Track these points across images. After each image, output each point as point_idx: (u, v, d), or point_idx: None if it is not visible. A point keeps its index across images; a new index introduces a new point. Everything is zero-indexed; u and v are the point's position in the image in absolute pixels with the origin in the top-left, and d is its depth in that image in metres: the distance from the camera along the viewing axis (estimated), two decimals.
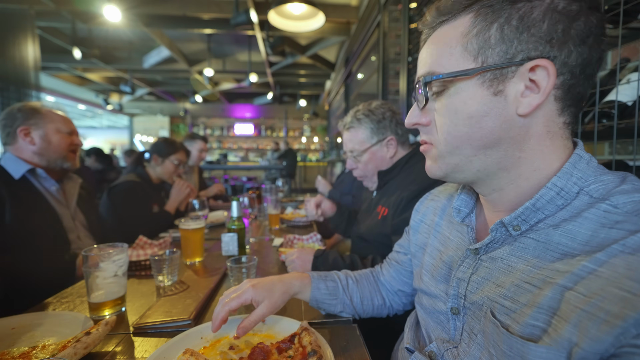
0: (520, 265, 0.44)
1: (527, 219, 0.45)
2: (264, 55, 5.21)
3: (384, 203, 1.19)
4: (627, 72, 1.02)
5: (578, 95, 0.44)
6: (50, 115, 1.31)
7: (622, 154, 1.23)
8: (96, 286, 0.81)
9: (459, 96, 0.46)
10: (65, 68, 6.34)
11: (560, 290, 0.38)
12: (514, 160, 0.46)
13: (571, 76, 0.43)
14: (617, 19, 0.96)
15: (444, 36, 0.47)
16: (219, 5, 3.97)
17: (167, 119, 10.22)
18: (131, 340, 0.71)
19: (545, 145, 0.45)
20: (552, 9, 0.41)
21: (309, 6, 2.44)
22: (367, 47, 3.97)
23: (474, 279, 0.50)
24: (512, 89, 0.43)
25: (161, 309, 0.82)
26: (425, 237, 0.68)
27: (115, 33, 4.92)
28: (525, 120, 0.44)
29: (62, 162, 1.32)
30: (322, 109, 9.44)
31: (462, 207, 0.59)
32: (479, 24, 0.43)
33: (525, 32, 0.41)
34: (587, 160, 0.45)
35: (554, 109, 0.44)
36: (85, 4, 3.64)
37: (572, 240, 0.40)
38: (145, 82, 7.70)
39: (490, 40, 0.43)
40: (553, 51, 0.41)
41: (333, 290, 0.78)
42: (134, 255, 1.17)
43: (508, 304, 0.43)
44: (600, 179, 0.43)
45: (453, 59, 0.45)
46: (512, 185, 0.48)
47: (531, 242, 0.44)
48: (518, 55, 0.42)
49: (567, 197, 0.43)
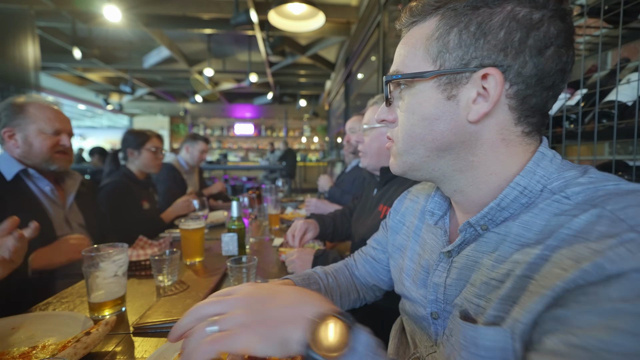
0: (485, 260, 0.45)
1: (494, 219, 0.45)
2: (264, 55, 5.21)
3: (385, 202, 1.19)
4: (627, 72, 1.02)
5: (535, 105, 0.44)
6: (34, 113, 1.21)
7: (622, 154, 1.23)
8: (96, 286, 0.81)
9: (416, 97, 0.47)
10: (65, 68, 6.34)
11: (518, 280, 0.39)
12: (468, 164, 0.47)
13: (526, 87, 0.42)
14: (617, 19, 0.96)
15: (412, 37, 0.48)
16: (219, 5, 3.97)
17: (167, 119, 10.22)
18: (131, 340, 0.71)
19: (500, 152, 0.45)
20: (511, 17, 0.40)
21: (309, 6, 2.45)
22: (367, 47, 3.97)
23: (449, 282, 0.50)
24: (464, 94, 0.44)
25: (161, 309, 0.82)
26: (405, 240, 0.67)
27: (115, 33, 4.92)
28: (476, 127, 0.44)
29: (47, 165, 1.24)
30: (322, 109, 9.44)
31: (436, 209, 0.58)
32: (442, 28, 0.44)
33: (482, 38, 0.41)
34: (550, 157, 0.45)
35: (509, 119, 0.44)
36: (85, 4, 3.64)
37: (528, 230, 0.41)
38: (145, 82, 7.70)
39: (449, 45, 0.43)
40: (507, 60, 0.41)
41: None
42: (134, 255, 1.17)
43: (482, 303, 0.43)
44: (562, 176, 0.43)
45: (415, 60, 0.46)
46: (472, 187, 0.48)
47: (492, 235, 0.45)
48: (472, 61, 0.42)
49: (530, 196, 0.43)
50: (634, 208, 0.34)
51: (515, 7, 0.41)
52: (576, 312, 0.32)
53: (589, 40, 1.24)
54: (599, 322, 0.31)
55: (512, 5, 0.41)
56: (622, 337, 0.29)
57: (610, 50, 1.24)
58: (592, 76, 1.15)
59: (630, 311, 0.30)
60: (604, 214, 0.35)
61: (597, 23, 1.24)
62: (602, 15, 0.99)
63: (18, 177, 1.19)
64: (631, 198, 0.35)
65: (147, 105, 9.98)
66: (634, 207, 0.34)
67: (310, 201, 1.96)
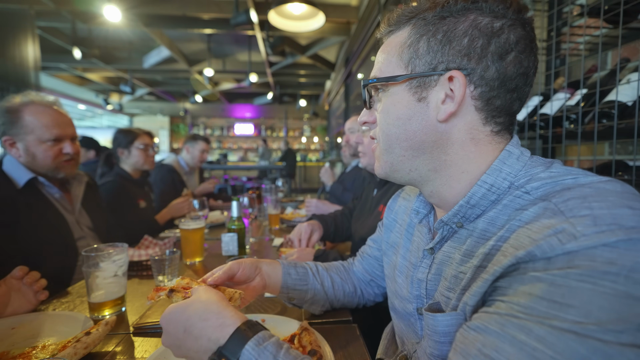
0: (456, 255, 0.48)
1: (466, 216, 0.48)
2: (264, 55, 5.21)
3: (385, 202, 1.19)
4: (627, 72, 1.02)
5: (500, 106, 0.47)
6: (30, 122, 1.14)
7: (622, 154, 1.23)
8: (96, 286, 0.81)
9: (391, 99, 0.51)
10: (65, 68, 6.35)
11: (475, 271, 0.42)
12: (441, 163, 0.50)
13: (489, 89, 0.45)
14: (617, 19, 0.96)
15: (388, 45, 0.52)
16: (219, 5, 3.98)
17: (167, 119, 10.22)
18: (131, 340, 0.71)
19: (470, 151, 0.48)
20: (474, 25, 0.44)
21: (309, 6, 2.45)
22: (367, 47, 3.98)
23: (430, 278, 0.53)
24: (434, 96, 0.47)
25: (161, 309, 0.82)
26: (398, 238, 0.69)
27: (115, 33, 4.92)
28: (446, 127, 0.48)
29: (54, 174, 1.21)
30: (322, 109, 9.45)
31: (421, 208, 0.61)
32: (413, 36, 0.48)
33: (447, 45, 0.45)
34: (517, 155, 0.47)
35: (476, 119, 0.47)
36: (85, 4, 3.64)
37: (492, 225, 0.44)
38: (145, 82, 7.70)
39: (419, 51, 0.47)
40: (470, 64, 0.45)
41: (303, 275, 0.77)
42: (136, 256, 1.17)
43: (451, 295, 0.46)
44: (529, 172, 0.44)
45: (391, 66, 0.50)
46: (446, 186, 0.51)
47: (463, 232, 0.49)
48: (439, 65, 0.46)
49: (498, 193, 0.46)
50: (575, 200, 0.36)
51: (477, 16, 0.45)
52: (505, 281, 0.37)
53: (589, 40, 1.24)
54: (521, 289, 0.35)
55: (474, 15, 0.45)
56: (536, 302, 0.33)
57: (610, 50, 1.24)
58: (592, 76, 1.16)
59: (546, 279, 0.33)
60: (549, 207, 0.37)
61: (597, 23, 1.24)
62: (602, 15, 0.99)
63: (30, 183, 1.16)
64: (577, 191, 0.37)
65: (147, 105, 9.98)
66: (575, 199, 0.36)
67: (310, 202, 1.96)
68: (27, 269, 0.82)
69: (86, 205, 1.37)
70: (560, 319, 0.31)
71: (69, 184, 1.33)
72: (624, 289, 0.30)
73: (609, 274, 0.31)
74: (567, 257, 0.33)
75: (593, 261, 0.32)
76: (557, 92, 1.21)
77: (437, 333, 0.44)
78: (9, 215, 1.06)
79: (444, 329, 0.43)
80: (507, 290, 0.36)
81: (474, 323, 0.37)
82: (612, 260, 0.31)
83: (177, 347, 0.49)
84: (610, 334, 0.30)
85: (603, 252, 0.32)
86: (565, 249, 0.33)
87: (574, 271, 0.32)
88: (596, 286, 0.31)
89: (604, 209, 0.34)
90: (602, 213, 0.34)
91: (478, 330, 0.36)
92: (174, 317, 0.49)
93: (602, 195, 0.36)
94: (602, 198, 0.35)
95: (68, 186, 1.33)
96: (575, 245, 0.33)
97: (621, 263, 0.31)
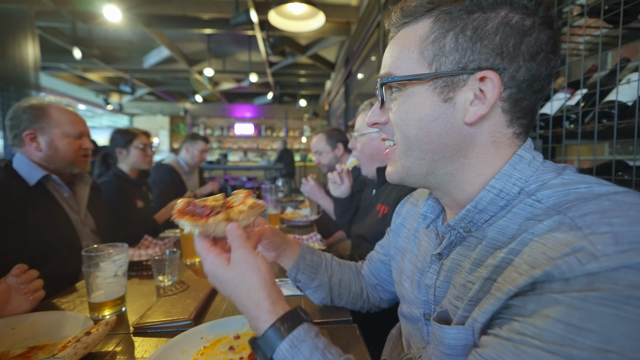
0: (466, 264, 0.46)
1: (474, 221, 0.46)
2: (264, 55, 5.21)
3: (383, 201, 1.19)
4: (627, 72, 1.02)
5: (526, 108, 0.45)
6: (57, 117, 1.21)
7: (622, 154, 1.23)
8: (96, 286, 0.81)
9: (411, 99, 0.47)
10: (65, 68, 6.34)
11: (485, 283, 0.40)
12: (459, 166, 0.47)
13: (518, 90, 0.43)
14: (617, 19, 0.96)
15: (404, 38, 0.48)
16: (219, 5, 3.97)
17: (167, 119, 10.21)
18: (131, 340, 0.71)
19: (490, 154, 0.46)
20: (505, 22, 0.42)
21: (309, 6, 2.45)
22: (367, 47, 3.97)
23: (439, 284, 0.51)
24: (461, 97, 0.44)
25: (161, 309, 0.82)
26: (405, 243, 0.68)
27: (115, 33, 4.92)
28: (471, 129, 0.45)
29: (71, 169, 1.25)
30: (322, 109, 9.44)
31: (429, 212, 0.59)
32: (437, 31, 0.44)
33: (479, 42, 0.42)
34: (528, 160, 0.45)
35: (502, 121, 0.45)
36: (85, 4, 3.63)
37: (502, 234, 0.42)
38: (145, 82, 7.70)
39: (445, 48, 0.44)
40: (503, 64, 0.42)
41: (316, 264, 0.78)
42: (136, 256, 1.17)
43: (459, 304, 0.44)
44: (540, 178, 0.43)
45: (410, 63, 0.46)
46: (459, 189, 0.49)
47: (473, 239, 0.47)
48: (470, 64, 0.43)
49: (507, 198, 0.44)
50: (593, 215, 0.34)
51: (508, 13, 0.42)
52: (520, 301, 0.35)
53: (589, 40, 1.24)
54: (537, 311, 0.33)
55: (505, 11, 0.42)
56: (554, 325, 0.31)
57: (610, 50, 1.24)
58: (592, 76, 1.15)
59: (564, 301, 0.31)
60: (564, 221, 0.35)
61: (597, 23, 1.24)
62: (602, 15, 0.99)
63: (40, 182, 1.17)
64: (594, 204, 0.35)
65: (147, 105, 9.97)
66: (593, 214, 0.34)
67: (308, 183, 1.83)
68: (26, 267, 0.82)
69: (91, 207, 1.38)
70: (577, 346, 0.29)
71: (74, 185, 1.34)
72: None
73: (632, 298, 0.29)
74: (588, 279, 0.31)
75: (615, 284, 0.30)
76: (557, 92, 1.21)
77: (444, 345, 0.42)
78: (17, 213, 1.07)
79: (450, 341, 0.41)
80: (521, 310, 0.34)
81: (488, 352, 0.35)
82: (636, 283, 0.29)
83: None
84: None
85: (626, 275, 0.30)
86: (586, 271, 0.31)
87: (594, 294, 0.30)
88: (618, 311, 0.29)
89: (625, 226, 0.32)
90: (624, 230, 0.32)
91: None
92: (218, 280, 0.51)
93: (622, 209, 0.34)
94: (622, 213, 0.33)
95: (73, 187, 1.34)
96: (596, 266, 0.30)
97: None
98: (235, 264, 0.50)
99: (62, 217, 1.21)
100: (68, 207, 1.26)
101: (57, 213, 1.20)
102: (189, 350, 0.65)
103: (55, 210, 1.19)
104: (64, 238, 1.18)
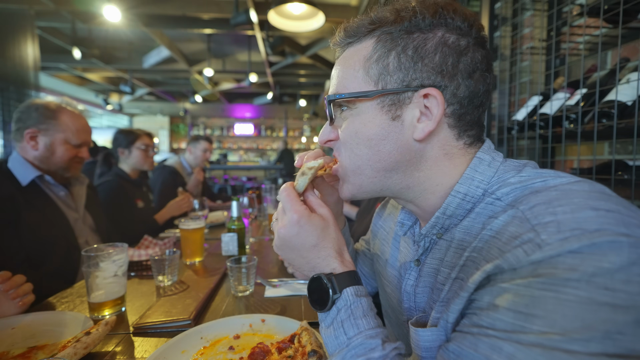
0: (438, 267, 0.48)
1: (445, 226, 0.47)
2: (264, 55, 5.21)
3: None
4: (626, 71, 1.02)
5: (470, 121, 0.47)
6: (65, 122, 1.23)
7: (622, 153, 1.23)
8: (96, 286, 0.81)
9: (360, 118, 0.47)
10: (65, 68, 6.34)
11: (453, 283, 0.42)
12: (414, 179, 0.48)
13: (460, 106, 0.45)
14: (617, 18, 0.96)
15: (350, 58, 0.48)
16: (219, 5, 3.97)
17: (167, 119, 10.21)
18: (131, 340, 0.71)
19: (444, 165, 0.47)
20: (443, 42, 0.44)
21: (309, 6, 2.45)
22: None
23: (419, 291, 0.52)
24: (409, 114, 0.45)
25: (161, 309, 0.82)
26: (384, 246, 0.68)
27: (115, 33, 4.91)
28: (421, 145, 0.46)
29: (62, 172, 1.27)
30: (322, 109, 9.43)
31: (405, 220, 0.59)
32: (379, 50, 0.45)
33: (420, 61, 0.44)
34: (488, 161, 0.46)
35: (450, 135, 0.47)
36: (85, 4, 3.63)
37: (468, 235, 0.44)
38: (145, 82, 7.69)
39: (389, 67, 0.45)
40: (444, 81, 0.44)
41: None
42: (136, 256, 1.17)
43: (433, 306, 0.45)
44: (501, 178, 0.44)
45: (356, 82, 0.47)
46: (421, 198, 0.50)
47: (444, 243, 0.48)
48: (413, 82, 0.44)
49: (473, 201, 0.45)
50: (540, 206, 0.35)
51: (445, 33, 0.44)
52: (479, 294, 0.36)
53: (589, 40, 1.24)
54: (491, 302, 0.34)
55: (442, 32, 0.44)
56: (503, 314, 0.32)
57: (610, 50, 1.24)
58: (592, 76, 1.16)
59: (511, 290, 0.33)
60: (517, 215, 0.37)
61: (597, 23, 1.24)
62: (602, 15, 0.99)
63: (33, 182, 1.18)
64: (542, 195, 0.37)
65: (147, 105, 9.97)
66: (540, 205, 0.36)
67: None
68: (9, 274, 0.81)
69: (88, 207, 1.39)
70: (526, 331, 0.31)
71: (70, 185, 1.35)
72: (586, 295, 0.30)
73: (570, 280, 0.30)
74: (532, 267, 0.32)
75: (555, 268, 0.31)
76: (557, 91, 1.21)
77: (420, 348, 0.43)
78: (10, 213, 1.07)
79: (425, 344, 0.42)
80: (479, 304, 0.36)
81: (451, 345, 0.37)
82: (574, 266, 0.31)
83: (290, 249, 0.49)
84: (577, 344, 0.29)
85: (566, 259, 0.31)
86: (530, 260, 0.32)
87: (536, 280, 0.32)
88: (559, 294, 0.30)
89: (567, 213, 0.33)
90: (566, 218, 0.33)
91: (456, 353, 0.36)
92: (301, 225, 0.48)
93: (567, 197, 0.35)
94: (566, 201, 0.35)
95: (70, 187, 1.35)
96: (540, 255, 0.32)
97: (583, 269, 0.30)
98: (324, 217, 0.50)
99: (58, 216, 1.21)
100: (65, 206, 1.27)
101: (52, 212, 1.20)
102: (189, 350, 0.66)
103: (50, 209, 1.20)
104: (61, 236, 1.19)
